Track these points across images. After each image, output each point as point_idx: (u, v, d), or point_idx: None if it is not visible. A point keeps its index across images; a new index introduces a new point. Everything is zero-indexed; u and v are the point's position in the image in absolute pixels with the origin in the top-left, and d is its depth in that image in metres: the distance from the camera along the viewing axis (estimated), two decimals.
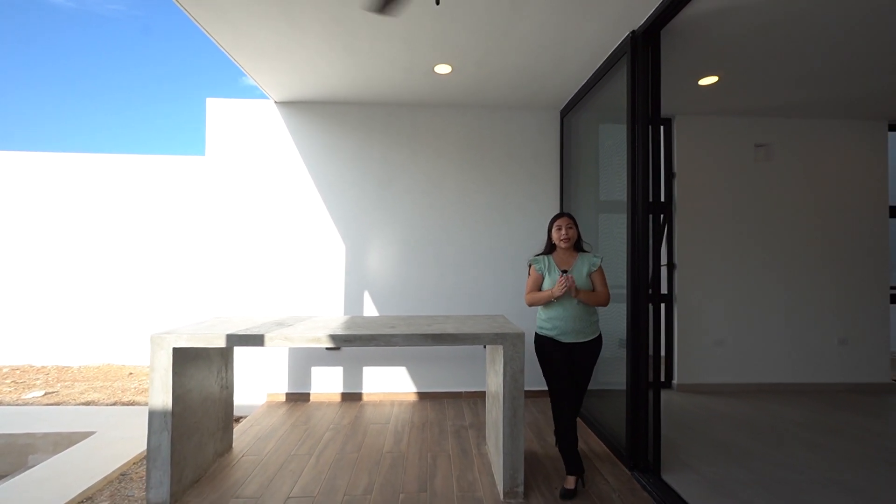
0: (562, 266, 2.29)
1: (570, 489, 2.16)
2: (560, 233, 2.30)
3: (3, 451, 3.00)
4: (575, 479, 2.20)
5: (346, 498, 2.13)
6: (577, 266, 2.28)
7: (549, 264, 2.31)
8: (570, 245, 2.31)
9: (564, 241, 2.29)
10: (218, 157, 3.66)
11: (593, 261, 2.29)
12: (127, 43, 39.50)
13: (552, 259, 2.33)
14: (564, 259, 2.32)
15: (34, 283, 5.20)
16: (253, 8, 2.32)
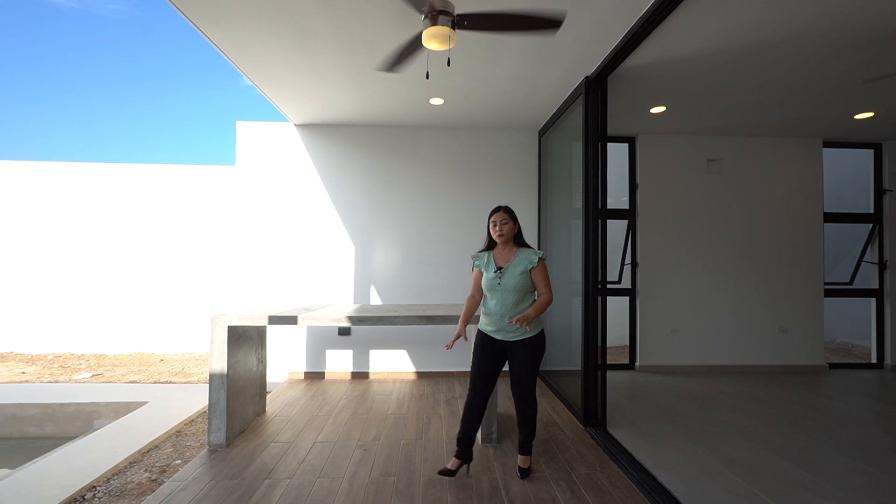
0: (500, 262, 2.25)
1: (450, 469, 2.25)
2: (495, 229, 2.25)
3: (74, 417, 3.63)
4: (459, 463, 2.28)
5: (359, 442, 2.76)
6: (514, 263, 2.22)
7: (487, 261, 2.29)
8: (508, 240, 2.27)
9: (499, 236, 2.25)
10: (246, 169, 4.29)
11: (531, 258, 2.21)
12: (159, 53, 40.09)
13: (492, 255, 2.30)
14: (503, 254, 2.28)
15: (75, 280, 5.82)
16: (281, 55, 2.93)
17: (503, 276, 2.21)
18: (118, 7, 42.04)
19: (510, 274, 2.19)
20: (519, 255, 2.25)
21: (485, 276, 2.26)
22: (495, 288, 2.22)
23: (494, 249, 2.33)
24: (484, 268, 2.29)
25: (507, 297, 2.20)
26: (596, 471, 2.42)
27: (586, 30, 2.53)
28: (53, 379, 4.67)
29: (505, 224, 2.26)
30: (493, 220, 2.29)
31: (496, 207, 2.33)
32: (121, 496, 2.35)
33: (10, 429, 3.58)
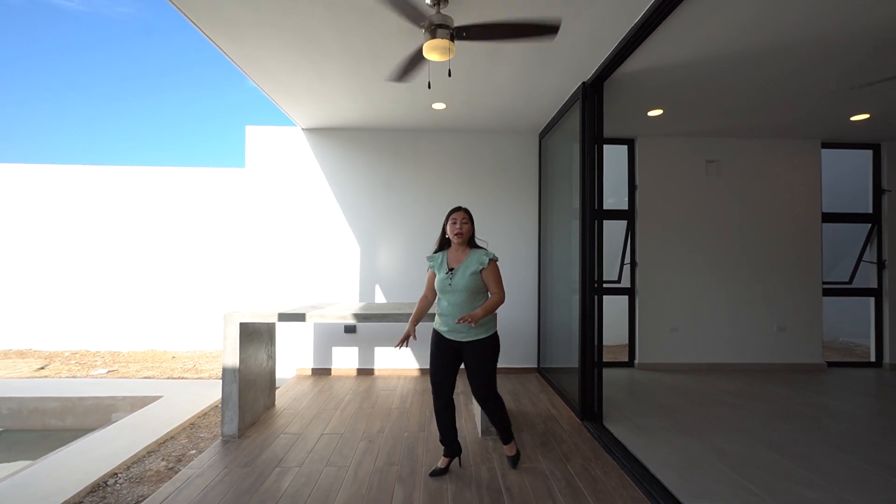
0: (452, 263, 2.26)
1: (441, 468, 2.34)
2: (455, 227, 2.25)
3: (93, 410, 3.79)
4: (448, 461, 2.36)
5: (365, 434, 2.89)
6: (466, 264, 2.22)
7: (441, 261, 2.29)
8: (464, 241, 2.27)
9: (458, 235, 2.24)
10: (255, 172, 4.44)
11: (482, 259, 2.22)
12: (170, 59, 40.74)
13: (446, 256, 2.31)
14: (456, 256, 2.28)
15: (91, 279, 6.01)
16: (290, 65, 3.05)
17: (454, 277, 2.21)
18: (126, 9, 42.64)
19: (460, 275, 2.20)
20: (471, 255, 2.25)
21: (438, 277, 2.26)
22: (446, 289, 2.22)
23: (448, 250, 2.33)
24: (437, 268, 2.29)
25: (458, 297, 2.20)
26: (591, 462, 2.53)
27: (582, 38, 2.63)
28: (71, 374, 4.85)
29: (465, 224, 2.27)
30: (452, 218, 2.28)
31: (456, 207, 2.34)
32: (140, 482, 2.50)
33: (32, 421, 3.75)
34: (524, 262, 4.51)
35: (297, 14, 2.39)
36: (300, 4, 2.29)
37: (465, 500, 2.12)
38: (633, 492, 2.21)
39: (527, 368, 4.48)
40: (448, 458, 2.37)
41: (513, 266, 4.48)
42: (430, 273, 2.35)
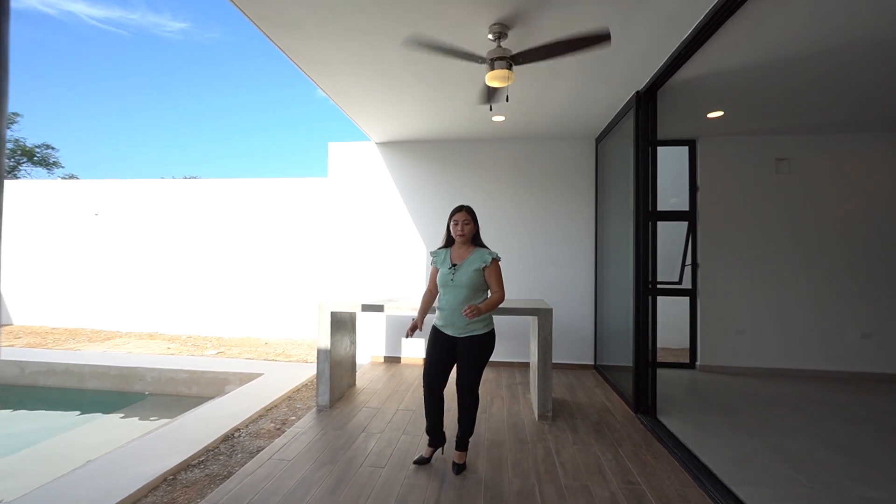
0: (455, 260, 2.34)
1: (425, 458, 2.45)
2: (457, 228, 2.32)
3: (211, 382, 4.61)
4: (432, 451, 2.47)
5: None
6: (469, 261, 2.30)
7: (444, 258, 2.36)
8: (467, 240, 2.34)
9: (460, 235, 2.32)
10: (336, 182, 5.08)
11: (485, 257, 2.29)
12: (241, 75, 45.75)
13: (449, 252, 2.38)
14: (460, 252, 2.36)
15: (203, 276, 7.11)
16: (371, 93, 3.56)
17: (456, 273, 2.28)
18: (214, 35, 47.75)
19: (463, 271, 2.28)
20: (474, 253, 2.33)
21: (440, 272, 2.35)
22: (448, 284, 2.29)
23: (452, 247, 2.41)
24: (440, 264, 2.37)
25: (459, 293, 2.27)
26: (641, 448, 2.72)
27: (634, 53, 2.82)
28: (190, 354, 5.84)
29: (467, 224, 2.32)
30: (455, 219, 2.34)
31: (458, 207, 2.39)
32: (257, 437, 3.11)
33: (168, 388, 4.65)
34: (581, 263, 4.68)
35: (377, 52, 2.85)
36: (381, 46, 2.75)
37: (524, 469, 2.44)
38: (682, 476, 2.38)
39: (583, 365, 4.65)
40: (433, 448, 2.49)
41: (569, 266, 4.68)
42: (434, 269, 2.42)
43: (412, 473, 2.38)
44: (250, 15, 2.43)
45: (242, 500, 2.10)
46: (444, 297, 2.35)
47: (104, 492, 2.22)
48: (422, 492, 2.20)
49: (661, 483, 2.30)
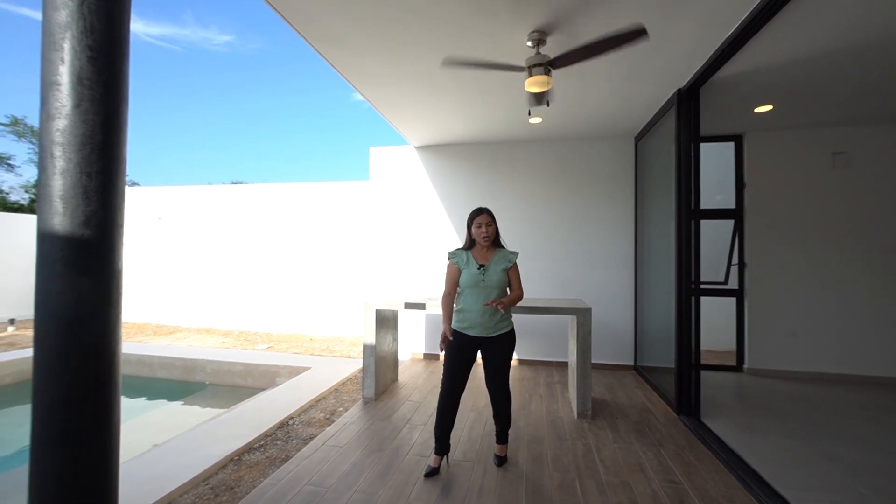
0: (480, 261, 2.34)
1: (435, 467, 2.37)
2: (480, 230, 2.33)
3: (264, 374, 4.94)
4: (440, 459, 2.40)
5: (473, 407, 3.41)
6: (494, 262, 2.33)
7: (467, 259, 2.36)
8: (490, 241, 2.37)
9: (485, 238, 2.33)
10: (377, 184, 5.30)
11: (509, 257, 2.36)
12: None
13: (471, 254, 2.38)
14: (483, 254, 2.37)
15: (252, 275, 7.58)
16: (413, 100, 3.72)
17: (486, 273, 2.29)
18: (255, 45, 50.10)
19: (493, 271, 2.30)
20: (498, 254, 2.38)
21: (466, 273, 2.32)
22: (479, 285, 2.28)
23: (472, 249, 2.42)
24: (464, 265, 2.35)
25: (490, 293, 2.28)
26: (684, 449, 2.70)
27: (674, 52, 2.80)
28: (243, 348, 6.25)
29: (490, 226, 2.35)
30: (477, 221, 2.36)
31: (479, 209, 2.41)
32: (309, 425, 3.34)
33: (226, 379, 5.03)
34: (619, 263, 4.64)
35: (420, 62, 2.99)
36: (423, 56, 2.89)
37: (564, 464, 2.50)
38: (726, 478, 2.36)
39: (623, 365, 4.61)
40: (440, 455, 2.41)
41: (608, 266, 4.65)
42: (454, 270, 2.37)
43: (455, 463, 2.50)
44: (303, 33, 2.63)
45: (302, 481, 2.29)
46: (469, 297, 2.32)
47: (182, 467, 2.49)
48: (465, 480, 2.31)
49: (705, 484, 2.29)
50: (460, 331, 2.35)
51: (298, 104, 47.80)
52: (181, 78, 47.82)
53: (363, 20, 2.47)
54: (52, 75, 1.04)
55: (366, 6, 2.34)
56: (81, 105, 1.05)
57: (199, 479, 2.42)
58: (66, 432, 1.04)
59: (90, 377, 1.07)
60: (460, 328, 2.35)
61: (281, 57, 51.34)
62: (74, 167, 1.05)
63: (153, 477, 2.37)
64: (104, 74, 1.08)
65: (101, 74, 1.07)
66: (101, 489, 1.08)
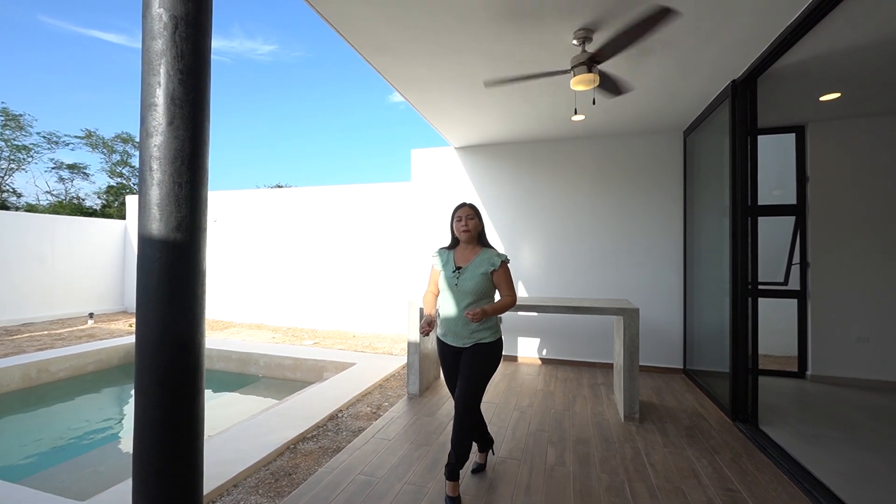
0: (460, 262, 2.12)
1: (481, 463, 2.35)
2: (460, 224, 2.13)
3: (312, 368, 5.18)
4: (485, 455, 2.35)
5: (517, 406, 3.42)
6: (475, 263, 2.08)
7: (447, 259, 2.16)
8: (472, 238, 2.14)
9: (464, 231, 2.11)
10: (419, 185, 5.41)
11: (494, 260, 2.08)
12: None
13: (452, 254, 2.17)
14: (464, 254, 2.15)
15: (298, 274, 7.94)
16: (456, 103, 3.77)
17: (461, 277, 2.07)
18: (298, 54, 52.25)
19: (469, 274, 2.06)
20: (481, 255, 2.12)
21: (442, 275, 2.14)
22: (452, 288, 2.08)
23: (456, 248, 2.21)
24: (442, 266, 2.16)
25: (463, 299, 2.05)
26: (741, 458, 2.59)
27: (729, 42, 2.68)
28: (291, 343, 6.57)
29: (471, 219, 2.13)
30: (458, 215, 2.16)
31: (460, 203, 2.22)
32: (357, 418, 3.47)
33: (277, 372, 5.31)
34: (668, 262, 4.48)
35: (464, 65, 3.03)
36: (467, 61, 2.93)
37: (612, 466, 2.47)
38: (789, 488, 2.24)
39: (671, 368, 4.44)
40: (484, 452, 2.37)
41: (656, 265, 4.50)
42: (434, 271, 2.21)
43: (501, 461, 2.53)
44: (354, 43, 2.75)
45: (354, 471, 2.41)
46: (445, 303, 2.12)
47: (244, 452, 2.67)
48: (511, 478, 2.33)
49: (765, 494, 2.19)
50: (440, 338, 2.17)
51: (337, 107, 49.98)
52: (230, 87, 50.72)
53: (411, 28, 2.55)
54: (150, 97, 1.16)
55: (415, 15, 2.41)
56: (174, 123, 1.17)
57: (261, 465, 2.59)
58: (163, 416, 1.16)
59: (181, 366, 1.19)
60: (439, 335, 2.17)
61: (320, 63, 53.36)
62: (168, 178, 1.17)
63: (220, 461, 2.56)
64: (192, 94, 1.20)
65: (189, 94, 1.20)
66: (191, 466, 1.21)
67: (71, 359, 5.08)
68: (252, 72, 49.00)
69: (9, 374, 4.50)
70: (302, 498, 2.15)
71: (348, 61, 53.96)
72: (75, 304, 8.35)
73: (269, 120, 47.54)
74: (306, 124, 49.64)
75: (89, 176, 19.71)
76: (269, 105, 48.58)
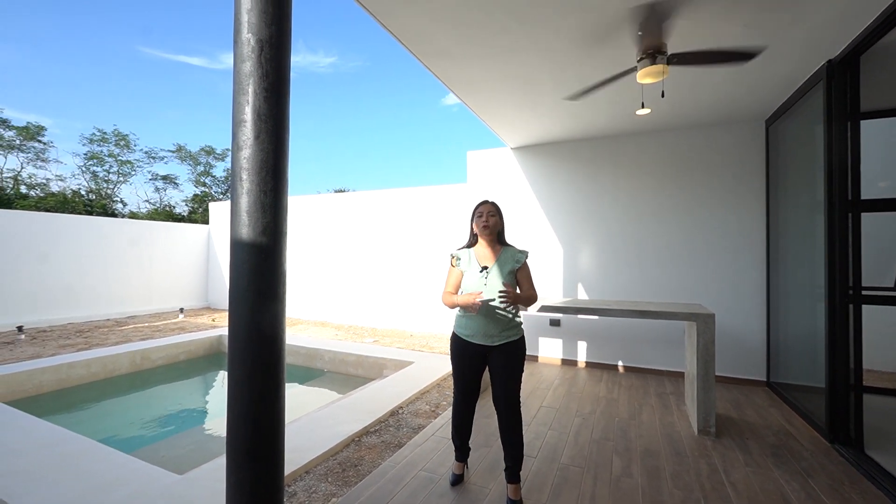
0: (482, 261, 2.12)
1: (458, 474, 2.29)
2: (481, 220, 2.12)
3: (372, 365, 5.39)
4: (462, 465, 2.31)
5: (578, 412, 3.31)
6: (500, 262, 2.09)
7: (469, 259, 2.15)
8: (492, 235, 2.14)
9: (484, 227, 2.10)
10: (475, 186, 5.43)
11: (518, 256, 2.10)
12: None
13: (473, 253, 2.16)
14: (486, 253, 2.14)
15: (359, 275, 8.30)
16: (511, 102, 3.74)
17: (489, 276, 2.06)
18: (356, 63, 54.75)
19: (496, 273, 2.06)
20: (504, 253, 2.12)
21: (467, 276, 2.12)
22: (480, 289, 2.06)
23: (475, 247, 2.19)
24: (465, 266, 2.15)
25: (493, 297, 2.04)
26: (842, 485, 2.30)
27: (824, 18, 2.40)
28: (353, 340, 6.88)
29: (492, 216, 2.12)
30: (479, 211, 2.16)
31: (482, 200, 2.22)
32: (417, 416, 3.56)
33: (341, 368, 5.60)
34: (748, 264, 4.09)
35: (521, 64, 3.00)
36: (526, 61, 2.89)
37: (685, 482, 2.31)
38: None
39: (752, 380, 4.05)
40: (463, 462, 2.32)
41: (734, 267, 4.13)
42: (456, 271, 2.18)
43: (564, 467, 2.46)
44: (414, 51, 2.83)
45: (416, 466, 2.47)
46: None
47: (314, 441, 2.85)
48: (575, 486, 2.27)
49: None
50: (464, 338, 2.14)
51: (391, 113, 52.22)
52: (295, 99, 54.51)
53: (470, 33, 2.58)
54: (240, 114, 1.28)
55: (473, 19, 2.43)
56: (260, 137, 1.28)
57: (329, 454, 2.75)
58: (251, 403, 1.28)
59: (266, 359, 1.30)
60: (463, 335, 2.14)
61: (376, 72, 55.61)
62: (255, 187, 1.28)
63: (293, 448, 2.75)
64: (275, 109, 1.31)
65: (272, 110, 1.30)
66: (274, 450, 1.31)
67: (167, 348, 5.72)
68: (314, 84, 52.02)
69: (120, 360, 5.17)
70: (368, 489, 2.25)
71: (402, 69, 55.56)
72: (169, 300, 9.39)
73: (329, 128, 50.37)
74: (364, 130, 51.99)
75: (178, 185, 22.06)
76: (328, 114, 51.46)
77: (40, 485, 2.30)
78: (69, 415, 4.13)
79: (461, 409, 2.24)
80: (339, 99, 53.47)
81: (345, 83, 54.06)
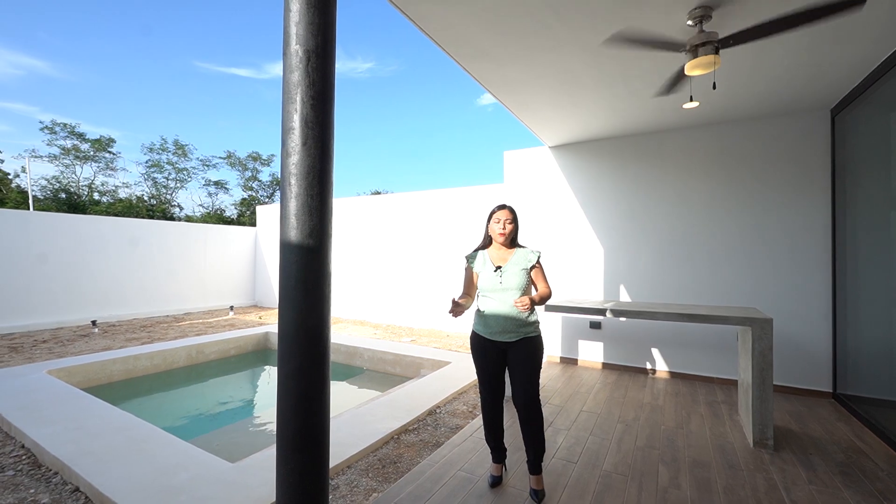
0: (497, 262, 2.22)
1: (497, 476, 2.29)
2: (498, 226, 2.22)
3: (410, 364, 5.46)
4: (500, 467, 2.31)
5: (620, 419, 3.20)
6: (514, 262, 2.20)
7: (484, 260, 2.25)
8: (507, 240, 2.24)
9: (501, 234, 2.21)
10: (512, 186, 5.38)
11: (530, 257, 2.21)
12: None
13: (487, 255, 2.27)
14: (500, 254, 2.25)
15: (394, 275, 8.45)
16: (549, 100, 3.67)
17: (504, 275, 2.16)
18: (392, 68, 55.76)
19: (511, 272, 2.17)
20: (517, 253, 2.23)
21: (483, 276, 2.22)
22: (496, 287, 2.16)
23: (489, 249, 2.30)
24: (479, 268, 2.26)
25: (509, 296, 2.14)
26: None
27: None
28: (391, 339, 7.01)
29: (510, 223, 2.23)
30: (496, 216, 2.25)
31: (500, 205, 2.29)
32: (454, 416, 3.57)
33: (379, 366, 5.72)
34: (811, 265, 3.79)
35: (561, 62, 2.94)
36: (567, 58, 2.84)
37: (739, 497, 2.17)
38: None
39: (816, 392, 3.75)
40: (499, 464, 2.33)
41: (795, 269, 3.84)
42: (471, 273, 2.30)
43: (606, 474, 2.39)
44: (452, 53, 2.85)
45: (455, 466, 2.48)
46: (489, 302, 2.20)
47: (355, 437, 2.93)
48: (618, 494, 2.19)
49: None
50: (483, 335, 2.22)
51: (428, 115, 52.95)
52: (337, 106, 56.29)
53: (509, 32, 2.56)
54: (289, 122, 1.35)
55: (511, 18, 2.42)
56: (307, 143, 1.34)
57: (369, 451, 2.82)
58: (299, 397, 1.34)
59: (313, 356, 1.36)
60: (483, 333, 2.22)
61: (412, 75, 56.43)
62: (303, 191, 1.34)
63: (336, 442, 2.84)
64: (321, 117, 1.36)
65: (318, 117, 1.36)
66: (320, 444, 1.37)
67: (219, 343, 6.08)
68: (352, 89, 53.49)
69: (178, 354, 5.55)
70: (408, 486, 2.28)
71: (438, 71, 55.97)
72: (220, 298, 9.97)
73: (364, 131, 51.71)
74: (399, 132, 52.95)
75: (228, 190, 23.41)
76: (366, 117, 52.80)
77: (114, 465, 2.51)
78: (135, 402, 4.49)
79: (489, 406, 2.29)
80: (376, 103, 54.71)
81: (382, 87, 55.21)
